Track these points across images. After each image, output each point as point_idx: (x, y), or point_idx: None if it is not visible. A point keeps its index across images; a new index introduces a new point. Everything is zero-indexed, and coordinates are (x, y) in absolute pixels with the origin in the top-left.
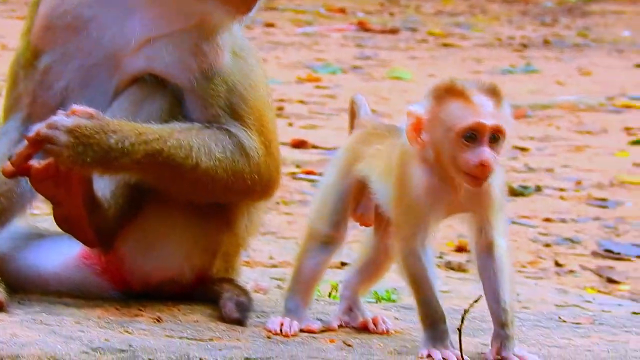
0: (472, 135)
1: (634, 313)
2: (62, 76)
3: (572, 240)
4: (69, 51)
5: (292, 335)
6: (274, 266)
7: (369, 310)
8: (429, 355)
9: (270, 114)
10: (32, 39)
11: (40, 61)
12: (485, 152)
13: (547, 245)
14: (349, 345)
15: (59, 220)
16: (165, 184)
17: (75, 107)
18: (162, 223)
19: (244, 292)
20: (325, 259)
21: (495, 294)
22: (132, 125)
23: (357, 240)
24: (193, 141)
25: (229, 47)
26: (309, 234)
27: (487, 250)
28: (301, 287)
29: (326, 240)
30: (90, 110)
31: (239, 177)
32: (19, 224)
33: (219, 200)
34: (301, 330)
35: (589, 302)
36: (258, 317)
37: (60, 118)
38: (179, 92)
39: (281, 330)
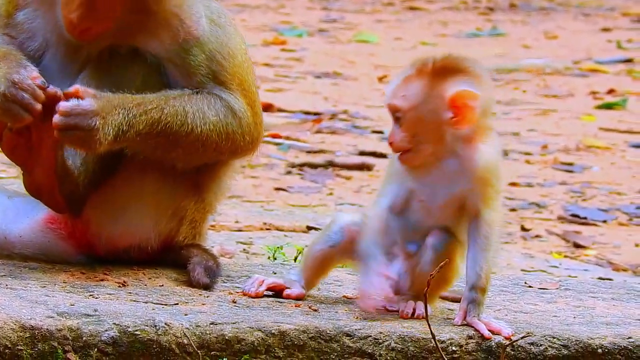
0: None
1: (600, 278)
2: (36, 36)
3: (538, 205)
4: (43, 12)
5: (256, 295)
6: (240, 230)
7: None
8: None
9: (251, 77)
10: None
11: (17, 16)
12: (390, 132)
13: (513, 209)
14: (315, 310)
15: (30, 187)
16: (161, 152)
17: (77, 87)
18: (130, 189)
19: (212, 257)
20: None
21: (474, 259)
22: (129, 97)
23: (322, 203)
24: (187, 107)
25: (205, 15)
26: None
27: (474, 221)
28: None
29: None
30: (91, 90)
31: (230, 139)
32: None
33: (208, 161)
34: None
35: (555, 267)
36: (224, 282)
37: (79, 102)
38: (156, 62)
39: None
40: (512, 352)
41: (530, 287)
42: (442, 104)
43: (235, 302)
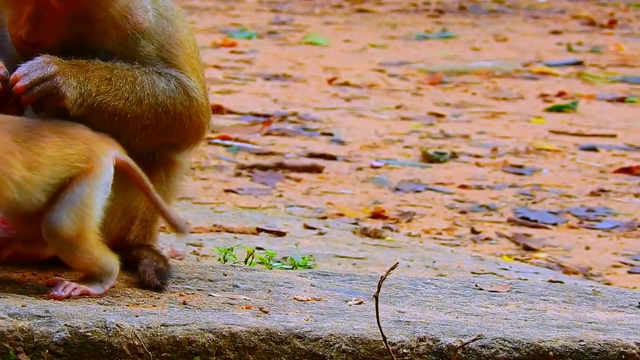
0: None
1: (551, 281)
2: None
3: (488, 208)
4: None
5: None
6: (190, 232)
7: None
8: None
9: (201, 67)
10: None
11: None
12: None
13: (463, 212)
14: (265, 312)
15: None
16: (117, 126)
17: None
18: None
19: (163, 258)
20: None
21: None
22: (80, 60)
23: (272, 205)
24: (137, 74)
25: (152, 9)
26: None
27: None
28: None
29: None
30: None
31: (181, 115)
32: None
33: (160, 143)
34: None
35: (505, 269)
36: (174, 284)
37: (31, 62)
38: (107, 56)
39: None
40: (464, 355)
41: (480, 289)
42: None
43: (185, 304)
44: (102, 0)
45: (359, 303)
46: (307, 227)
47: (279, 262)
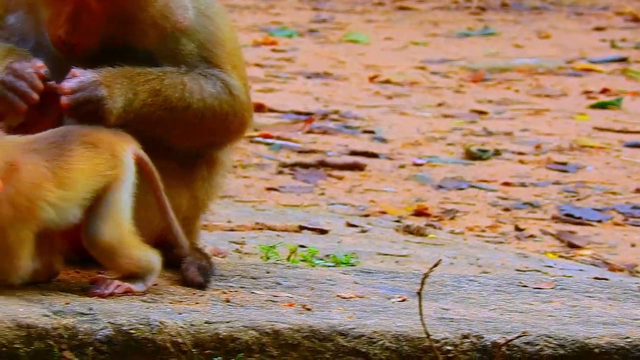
0: None
1: (596, 278)
2: (28, 38)
3: (532, 205)
4: (32, 15)
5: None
6: (232, 230)
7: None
8: None
9: (243, 64)
10: None
11: (9, 18)
12: None
13: (507, 209)
14: (308, 309)
15: None
16: (162, 129)
17: (74, 70)
18: None
19: (205, 256)
20: None
21: None
22: (129, 68)
23: (314, 203)
24: (185, 80)
25: (193, 7)
26: None
27: None
28: None
29: None
30: (88, 69)
31: (226, 115)
32: None
33: (203, 143)
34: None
35: (549, 267)
36: (217, 281)
37: (81, 78)
38: (148, 55)
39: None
40: (508, 352)
41: (525, 286)
42: None
43: (228, 302)
44: (141, 0)
45: (402, 300)
46: (350, 225)
47: (321, 259)
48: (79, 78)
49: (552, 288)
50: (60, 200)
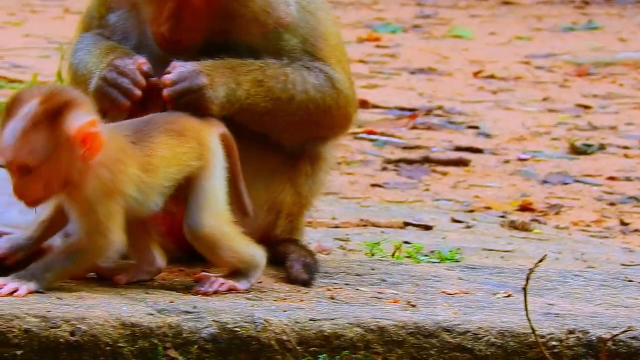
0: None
1: None
2: (130, 36)
3: (637, 199)
4: (134, 13)
5: None
6: (337, 227)
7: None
8: None
9: (346, 58)
10: None
11: (111, 17)
12: (13, 182)
13: (612, 204)
14: (413, 306)
15: None
16: (267, 123)
17: (174, 62)
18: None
19: (310, 253)
20: None
21: None
22: (232, 60)
23: (419, 199)
24: (288, 71)
25: (295, 2)
26: None
27: None
28: None
29: None
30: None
31: (329, 108)
32: None
33: (309, 137)
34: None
35: None
36: (322, 278)
37: (181, 69)
38: (251, 51)
39: None
40: (614, 347)
41: (630, 281)
42: (71, 145)
43: (333, 298)
44: None
45: (508, 296)
46: (454, 221)
47: (426, 255)
48: (179, 69)
49: None
50: (142, 183)
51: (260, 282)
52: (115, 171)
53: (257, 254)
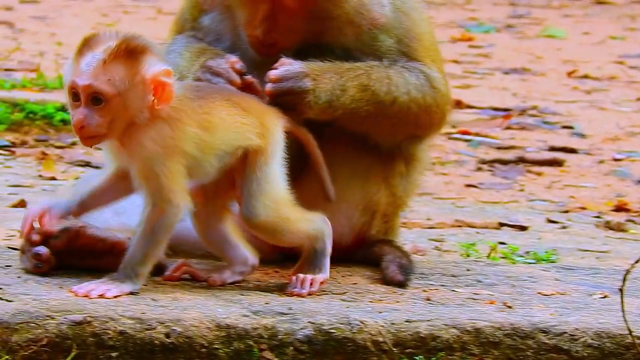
0: (76, 94)
1: None
2: (223, 38)
3: None
4: (227, 16)
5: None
6: (431, 227)
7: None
8: None
9: (440, 57)
10: None
11: (204, 19)
12: (78, 113)
13: None
14: (509, 307)
15: None
16: (368, 124)
17: (283, 58)
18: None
19: (405, 254)
20: None
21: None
22: (339, 63)
23: (514, 200)
24: (391, 73)
25: (389, 3)
26: None
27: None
28: None
29: None
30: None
31: (428, 108)
32: None
33: (407, 136)
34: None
35: None
36: (417, 279)
37: (288, 67)
38: (346, 53)
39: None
40: None
41: None
42: (144, 88)
43: (429, 300)
44: None
45: (604, 297)
46: (550, 221)
47: (522, 256)
48: (286, 67)
49: None
50: (200, 140)
51: (355, 284)
52: (175, 128)
53: (320, 222)
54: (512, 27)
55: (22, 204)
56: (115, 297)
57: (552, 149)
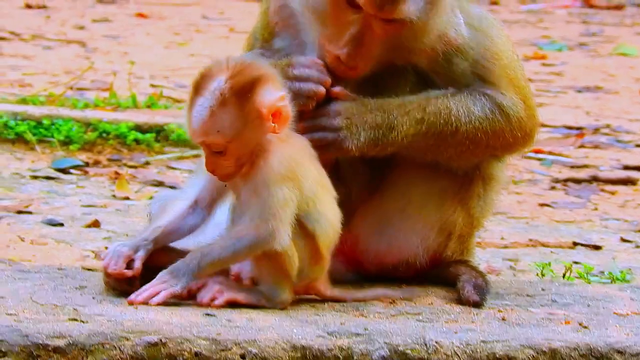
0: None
1: None
2: None
3: None
4: (299, 40)
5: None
6: (506, 247)
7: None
8: None
9: (520, 72)
10: (269, 20)
11: (275, 42)
12: (206, 161)
13: None
14: (585, 327)
15: None
16: (432, 154)
17: (337, 89)
18: (397, 204)
19: (481, 274)
20: None
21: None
22: (390, 100)
23: (588, 219)
24: (451, 104)
25: (465, 23)
26: None
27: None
28: None
29: None
30: (349, 93)
31: (499, 135)
32: None
33: (482, 158)
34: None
35: None
36: (492, 299)
37: (329, 105)
38: (419, 74)
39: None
40: None
41: None
42: (261, 120)
43: (504, 320)
44: (422, 25)
45: None
46: (624, 240)
47: (596, 276)
48: (326, 108)
49: None
50: (315, 190)
51: (431, 304)
52: (297, 159)
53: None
54: (584, 45)
55: (95, 224)
56: (161, 302)
57: (626, 167)
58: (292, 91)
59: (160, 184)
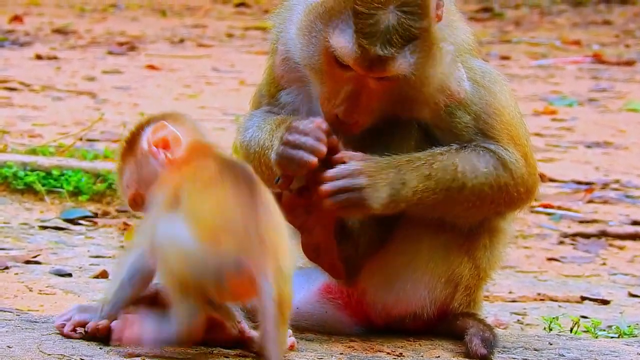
0: None
1: None
2: (299, 112)
3: None
4: (306, 92)
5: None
6: (514, 301)
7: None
8: None
9: (522, 129)
10: (275, 75)
11: (281, 96)
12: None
13: None
14: None
15: (308, 249)
16: (440, 211)
17: (343, 153)
18: (404, 256)
19: (489, 327)
20: None
21: None
22: (398, 157)
23: (596, 273)
24: (456, 161)
25: (468, 78)
26: None
27: None
28: None
29: None
30: (357, 154)
31: (504, 190)
32: None
33: (487, 215)
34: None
35: None
36: (500, 353)
37: (343, 166)
38: (421, 128)
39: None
40: None
41: None
42: (149, 156)
43: None
44: (418, 79)
45: None
46: (632, 295)
47: (604, 330)
48: (342, 166)
49: None
50: None
51: (438, 357)
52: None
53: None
54: (594, 101)
55: (103, 274)
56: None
57: (635, 223)
58: (283, 157)
59: None
